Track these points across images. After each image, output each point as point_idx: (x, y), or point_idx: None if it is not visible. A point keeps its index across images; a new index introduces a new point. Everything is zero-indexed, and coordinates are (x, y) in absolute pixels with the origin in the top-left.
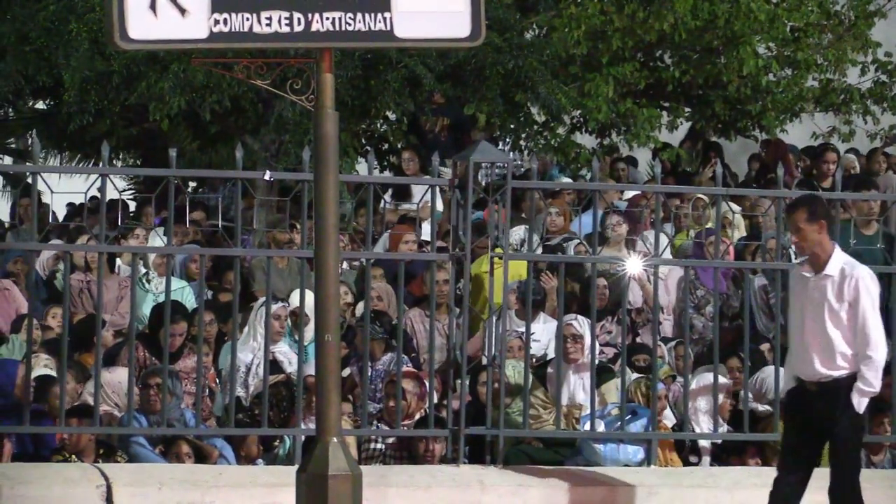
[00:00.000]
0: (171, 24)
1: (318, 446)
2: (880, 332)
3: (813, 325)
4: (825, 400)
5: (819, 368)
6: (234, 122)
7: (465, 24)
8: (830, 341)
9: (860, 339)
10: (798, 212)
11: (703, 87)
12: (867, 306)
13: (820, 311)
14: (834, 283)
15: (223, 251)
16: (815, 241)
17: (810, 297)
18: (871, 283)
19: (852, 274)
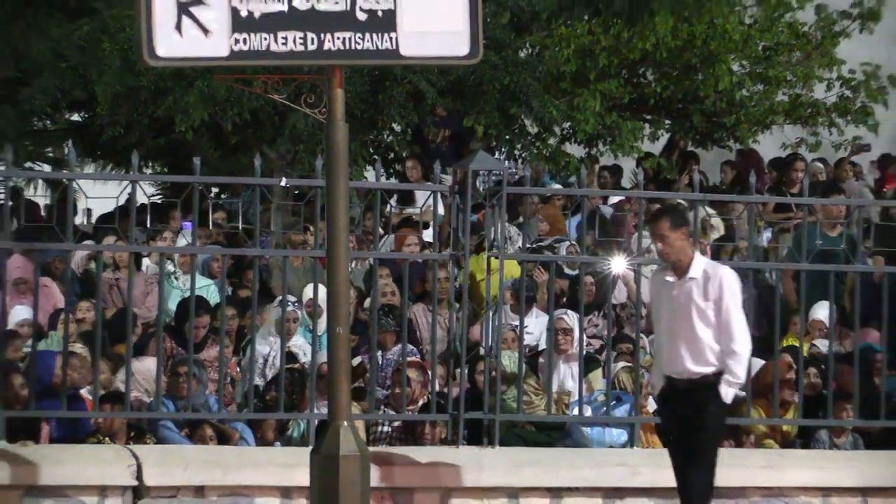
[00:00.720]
0: (195, 43)
1: (330, 429)
2: (744, 328)
3: (682, 327)
4: (696, 395)
5: (689, 367)
6: (252, 133)
7: (465, 43)
8: (699, 340)
9: (725, 336)
10: (662, 221)
11: (682, 102)
12: (731, 304)
13: (687, 312)
14: (699, 285)
15: (243, 251)
16: (679, 248)
17: (676, 300)
18: (734, 282)
19: (716, 274)
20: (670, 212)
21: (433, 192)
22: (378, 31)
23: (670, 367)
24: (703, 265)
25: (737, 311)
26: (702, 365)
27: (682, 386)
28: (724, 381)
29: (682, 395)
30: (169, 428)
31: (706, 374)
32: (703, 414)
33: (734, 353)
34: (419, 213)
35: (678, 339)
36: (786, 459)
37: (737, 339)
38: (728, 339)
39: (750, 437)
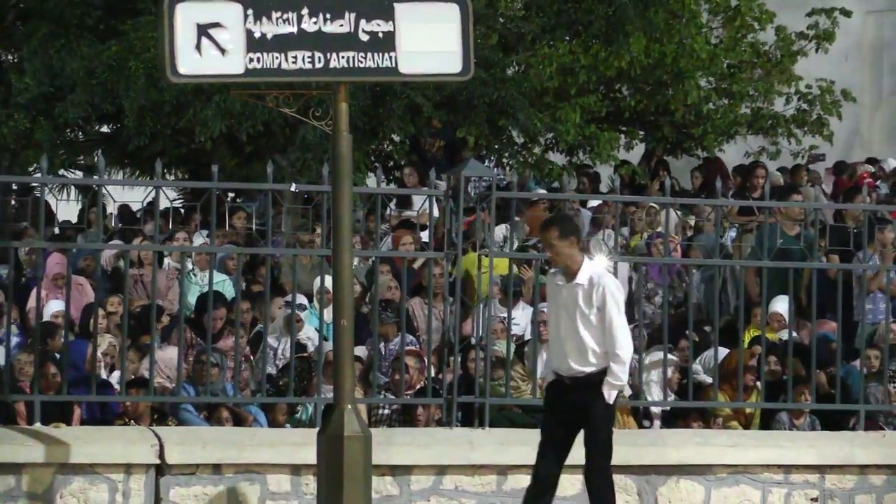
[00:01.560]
0: (213, 62)
1: (335, 412)
2: (626, 333)
3: (568, 328)
4: (579, 393)
5: (574, 365)
6: (265, 143)
7: (458, 62)
8: (583, 341)
9: (609, 340)
10: (551, 230)
11: (654, 114)
12: (613, 311)
13: (573, 315)
14: (584, 291)
15: (256, 250)
16: (566, 255)
17: (564, 303)
18: (616, 291)
19: (600, 283)
20: (559, 222)
21: (429, 196)
22: (379, 51)
23: (557, 364)
24: (590, 272)
25: (619, 318)
26: (584, 365)
27: (568, 382)
28: (607, 382)
29: (568, 390)
30: (189, 411)
31: (589, 373)
32: (590, 413)
33: (617, 357)
34: (416, 216)
35: (565, 338)
36: (749, 439)
37: (620, 344)
38: (612, 343)
39: (717, 419)
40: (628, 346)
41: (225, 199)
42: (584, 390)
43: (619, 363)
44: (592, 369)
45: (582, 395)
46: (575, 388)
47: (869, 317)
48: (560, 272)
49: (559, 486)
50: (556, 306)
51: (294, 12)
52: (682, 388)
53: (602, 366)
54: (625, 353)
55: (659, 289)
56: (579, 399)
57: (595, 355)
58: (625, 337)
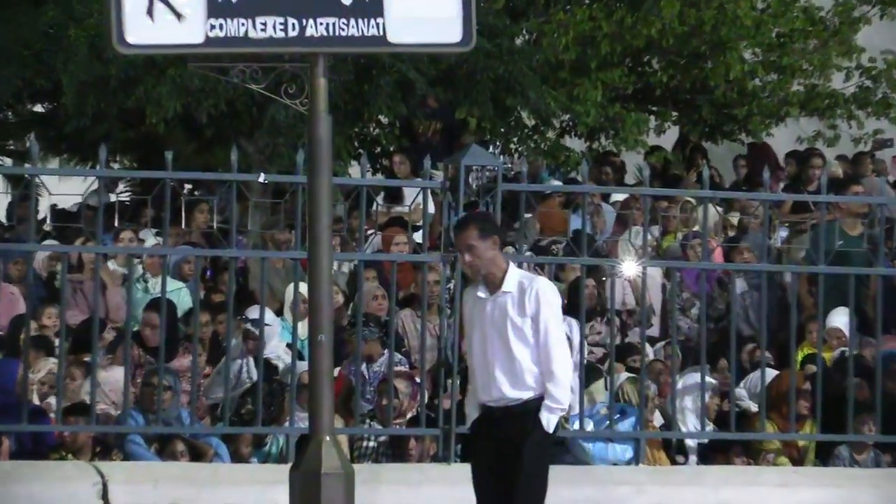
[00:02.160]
0: (167, 29)
1: (312, 444)
2: (564, 347)
3: (496, 347)
4: (514, 424)
5: (506, 392)
6: (229, 125)
7: (457, 29)
8: (517, 361)
9: (544, 355)
10: (468, 229)
11: (690, 92)
12: (549, 319)
13: (503, 330)
14: (514, 300)
15: (217, 252)
16: (489, 260)
17: (490, 317)
18: (552, 295)
19: (532, 287)
20: (478, 219)
21: (423, 189)
22: (364, 17)
23: (485, 394)
24: (518, 277)
25: (556, 329)
26: (520, 389)
27: (499, 414)
28: (545, 406)
29: (499, 425)
30: (137, 443)
31: (526, 400)
32: (524, 447)
33: (554, 376)
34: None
35: (493, 361)
36: (802, 477)
37: (556, 360)
38: (547, 359)
39: (765, 454)
40: (567, 363)
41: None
42: (519, 421)
43: (557, 384)
44: (530, 395)
45: (516, 428)
46: (508, 419)
47: None
48: (481, 284)
49: None
50: (479, 325)
51: None
52: (723, 416)
53: (540, 391)
54: (562, 370)
55: (696, 299)
56: (513, 432)
57: (532, 376)
58: (563, 351)
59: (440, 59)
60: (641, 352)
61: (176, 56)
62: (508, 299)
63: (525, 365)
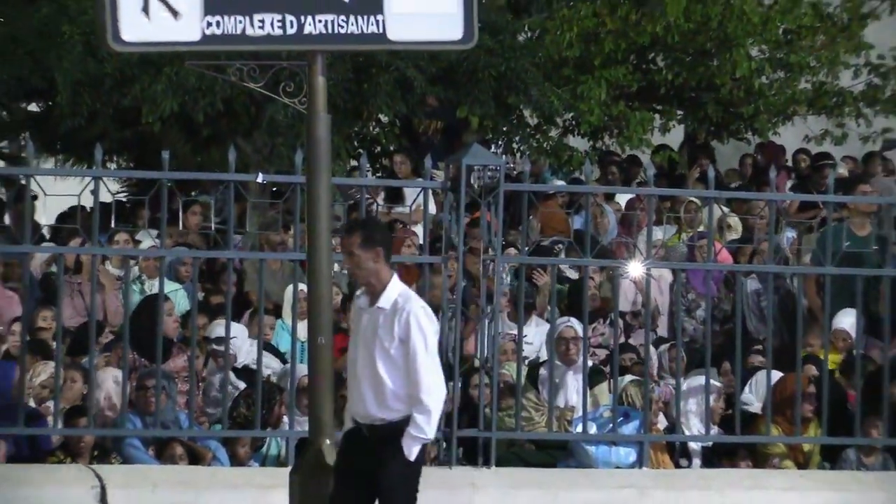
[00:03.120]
0: (163, 26)
1: (312, 448)
2: (433, 374)
3: (365, 363)
4: (377, 446)
5: (371, 410)
6: (226, 124)
7: (458, 26)
8: (381, 383)
9: (412, 382)
10: (352, 236)
11: (695, 90)
12: (418, 345)
13: (371, 348)
14: (387, 318)
15: (215, 253)
16: (369, 270)
17: (364, 331)
18: (425, 320)
19: (404, 308)
20: (365, 227)
21: (424, 189)
22: (363, 14)
23: (354, 408)
24: (396, 295)
25: (425, 355)
26: (385, 411)
27: (366, 432)
28: (408, 434)
29: (364, 443)
30: (135, 446)
31: (391, 421)
32: (383, 473)
33: (421, 404)
34: (409, 212)
35: (361, 377)
36: (809, 481)
37: (424, 388)
38: (415, 387)
39: (771, 458)
40: (437, 391)
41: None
42: (382, 444)
43: (424, 412)
44: (396, 416)
45: (378, 450)
46: (372, 438)
47: None
48: (365, 293)
49: None
50: (356, 335)
51: None
52: (728, 419)
53: (407, 413)
54: (431, 399)
55: (701, 300)
56: (376, 452)
57: (397, 398)
58: (432, 379)
59: (441, 57)
60: (646, 354)
61: (172, 54)
62: (381, 316)
63: (390, 387)
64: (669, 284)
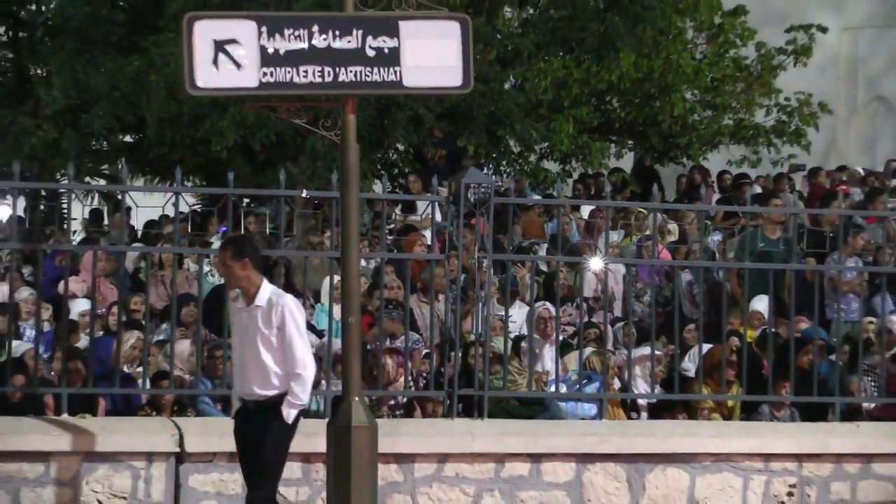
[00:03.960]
0: (229, 75)
1: (344, 404)
2: (306, 352)
3: (249, 351)
4: (261, 416)
5: (256, 389)
6: (277, 152)
7: (458, 76)
8: (264, 365)
9: (289, 360)
10: (224, 251)
11: (642, 125)
12: (293, 331)
13: (254, 338)
14: (264, 313)
15: (269, 252)
16: (241, 277)
17: (245, 326)
18: (296, 310)
19: (279, 303)
20: (234, 243)
21: (432, 201)
22: (384, 66)
23: (241, 389)
24: (269, 293)
25: (298, 337)
26: (267, 388)
27: (252, 407)
28: (287, 401)
29: (251, 416)
30: (206, 402)
31: (271, 396)
32: (266, 433)
33: (298, 377)
34: (419, 220)
35: (247, 362)
36: (732, 430)
37: (300, 364)
38: (293, 363)
39: (702, 411)
40: (310, 365)
41: (240, 205)
42: (267, 413)
43: (301, 383)
44: (274, 392)
45: (262, 419)
46: (258, 411)
47: (841, 315)
48: (241, 296)
49: (553, 473)
50: (237, 331)
51: (305, 29)
52: (667, 382)
53: (284, 388)
54: (306, 371)
55: (647, 288)
56: (261, 421)
57: (277, 377)
58: (305, 355)
59: (445, 99)
60: (604, 330)
61: (236, 97)
62: (259, 312)
63: (271, 368)
64: (623, 276)
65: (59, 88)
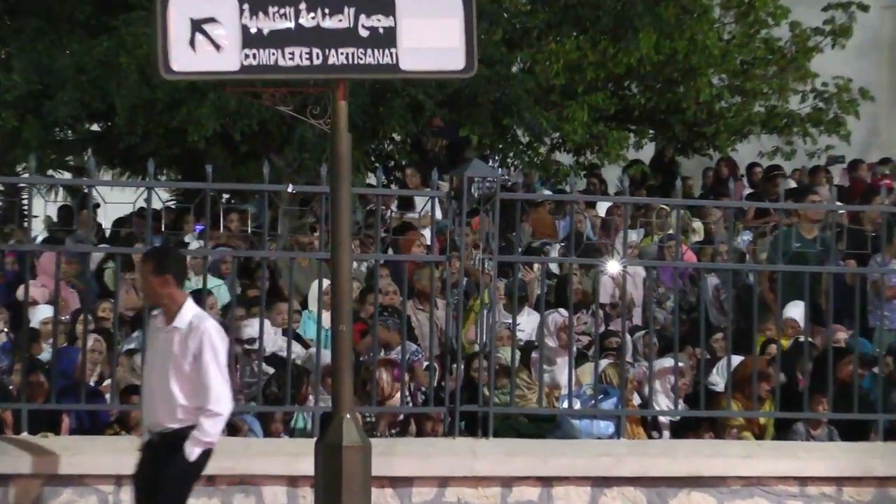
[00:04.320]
0: (208, 58)
1: (334, 421)
2: (222, 386)
3: (159, 377)
4: (164, 451)
5: (162, 420)
6: (261, 142)
7: (460, 59)
8: (172, 395)
9: (202, 393)
10: (146, 264)
11: (664, 113)
12: (209, 360)
13: (167, 363)
14: (181, 336)
15: (251, 253)
16: (160, 294)
17: (161, 348)
18: (216, 338)
19: (199, 327)
20: (155, 256)
21: (431, 197)
22: (379, 47)
23: (148, 418)
24: (191, 315)
25: (215, 369)
26: (173, 421)
27: (157, 439)
28: (192, 436)
29: (154, 449)
30: None
31: (176, 430)
32: (164, 472)
33: (209, 412)
34: (418, 218)
35: (155, 389)
36: (764, 450)
37: (213, 399)
38: (205, 397)
39: (731, 430)
40: (226, 401)
41: (219, 201)
42: (168, 447)
43: (211, 417)
44: (181, 426)
45: (164, 454)
46: (161, 445)
47: (885, 323)
48: (161, 314)
49: (565, 498)
50: (152, 352)
51: (291, 7)
52: (691, 397)
53: (193, 422)
54: (220, 407)
55: (670, 293)
56: (163, 458)
57: (185, 410)
58: (221, 390)
59: (446, 85)
60: (622, 340)
61: (215, 82)
62: (176, 335)
63: (177, 399)
64: (643, 280)
65: (20, 72)
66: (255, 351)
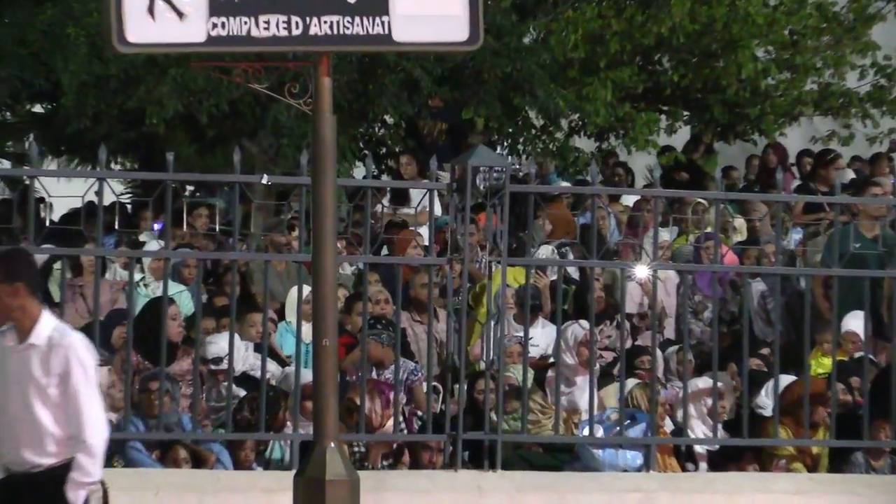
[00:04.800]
0: (169, 27)
1: (316, 451)
2: (95, 411)
3: (18, 405)
4: (38, 494)
5: (28, 456)
6: (231, 125)
7: (464, 28)
8: (39, 424)
9: (74, 421)
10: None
11: (701, 91)
12: (79, 381)
13: (26, 387)
14: (41, 355)
15: (219, 255)
16: (11, 306)
17: (15, 371)
18: (84, 354)
19: (61, 343)
20: (2, 261)
21: (429, 190)
22: (369, 15)
23: (7, 455)
24: (51, 330)
25: (88, 391)
26: (42, 455)
27: (21, 480)
28: (72, 481)
29: (21, 495)
30: (138, 449)
31: (49, 467)
32: None
33: (84, 445)
34: (414, 214)
35: (14, 419)
36: (817, 484)
37: (87, 427)
38: (78, 426)
39: (778, 461)
40: (100, 429)
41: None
42: (43, 491)
43: (89, 453)
44: (53, 461)
45: (40, 499)
46: (32, 487)
47: None
48: (11, 330)
49: None
50: (4, 376)
51: None
52: (732, 423)
53: (69, 456)
54: (95, 438)
55: (708, 302)
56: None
57: (56, 442)
58: (95, 416)
59: (446, 59)
60: (653, 356)
61: (177, 55)
62: (34, 354)
63: (48, 429)
64: (676, 286)
65: None
66: (222, 371)
